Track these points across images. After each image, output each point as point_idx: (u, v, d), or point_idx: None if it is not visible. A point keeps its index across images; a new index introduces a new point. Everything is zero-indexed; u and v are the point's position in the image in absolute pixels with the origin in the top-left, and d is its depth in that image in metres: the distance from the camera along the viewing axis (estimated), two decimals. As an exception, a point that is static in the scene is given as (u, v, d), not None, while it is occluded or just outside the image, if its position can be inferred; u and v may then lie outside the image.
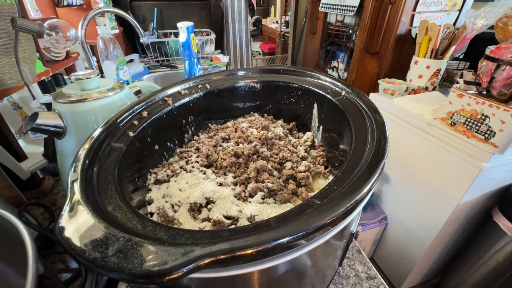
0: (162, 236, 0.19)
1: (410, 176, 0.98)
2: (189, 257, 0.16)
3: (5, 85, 0.53)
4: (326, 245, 0.26)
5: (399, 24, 1.12)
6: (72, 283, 0.42)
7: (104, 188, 0.25)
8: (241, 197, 0.35)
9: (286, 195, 0.34)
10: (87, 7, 1.18)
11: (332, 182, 0.24)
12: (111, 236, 0.18)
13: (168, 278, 0.16)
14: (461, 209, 0.85)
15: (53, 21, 0.76)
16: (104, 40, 0.78)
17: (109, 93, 0.44)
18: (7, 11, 0.49)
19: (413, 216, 0.99)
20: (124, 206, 0.23)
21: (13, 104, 0.77)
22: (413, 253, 1.01)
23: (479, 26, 0.84)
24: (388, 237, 1.14)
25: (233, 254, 0.17)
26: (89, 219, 0.19)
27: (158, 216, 0.33)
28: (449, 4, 1.15)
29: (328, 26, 1.70)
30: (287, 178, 0.38)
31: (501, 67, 0.69)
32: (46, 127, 0.40)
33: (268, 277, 0.24)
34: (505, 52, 0.69)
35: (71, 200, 0.22)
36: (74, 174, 0.25)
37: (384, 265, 1.19)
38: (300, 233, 0.18)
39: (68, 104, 0.41)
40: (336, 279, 0.42)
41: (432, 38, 0.94)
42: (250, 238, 0.18)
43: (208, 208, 0.34)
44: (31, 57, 0.59)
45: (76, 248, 0.17)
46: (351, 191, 0.22)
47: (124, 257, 0.16)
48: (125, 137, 0.34)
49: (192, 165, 0.41)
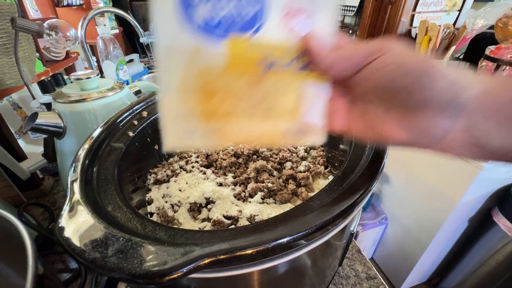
0: (162, 236, 0.19)
1: (410, 176, 0.98)
2: (189, 257, 0.16)
3: (5, 85, 0.53)
4: (326, 245, 0.26)
5: (399, 24, 1.12)
6: (72, 283, 0.42)
7: (104, 188, 0.25)
8: (241, 197, 0.35)
9: (286, 195, 0.34)
10: (87, 7, 1.18)
11: (332, 182, 0.24)
12: (111, 236, 0.18)
13: (168, 278, 0.16)
14: (461, 209, 0.85)
15: (53, 21, 0.76)
16: (104, 40, 0.78)
17: (109, 93, 0.44)
18: (7, 11, 0.49)
19: (413, 216, 0.99)
20: (124, 206, 0.23)
21: (13, 104, 0.77)
22: (413, 253, 1.01)
23: (479, 26, 0.84)
24: (388, 237, 1.14)
25: (233, 254, 0.17)
26: (89, 219, 0.19)
27: (158, 216, 0.33)
28: (449, 4, 1.15)
29: (328, 26, 1.70)
30: (287, 178, 0.38)
31: (501, 67, 0.69)
32: (46, 127, 0.40)
33: (268, 277, 0.24)
34: (505, 52, 0.69)
35: (71, 200, 0.22)
36: (73, 174, 0.25)
37: (384, 265, 1.19)
38: (300, 233, 0.18)
39: (68, 104, 0.41)
40: (336, 279, 0.42)
41: (432, 38, 0.94)
42: (250, 238, 0.18)
43: (208, 208, 0.34)
44: (30, 57, 0.59)
45: (76, 248, 0.17)
46: (351, 191, 0.22)
47: (124, 257, 0.16)
48: (125, 137, 0.34)
49: (192, 165, 0.41)
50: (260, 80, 0.20)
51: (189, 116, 0.20)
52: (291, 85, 0.21)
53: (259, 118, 0.21)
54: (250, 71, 0.20)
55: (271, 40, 0.20)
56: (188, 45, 0.18)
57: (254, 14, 0.18)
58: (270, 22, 0.19)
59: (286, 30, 0.20)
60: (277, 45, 0.20)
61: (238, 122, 0.21)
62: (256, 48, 0.19)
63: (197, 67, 0.19)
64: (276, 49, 0.20)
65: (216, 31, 0.18)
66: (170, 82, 0.19)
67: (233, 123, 0.21)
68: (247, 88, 0.20)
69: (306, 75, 0.21)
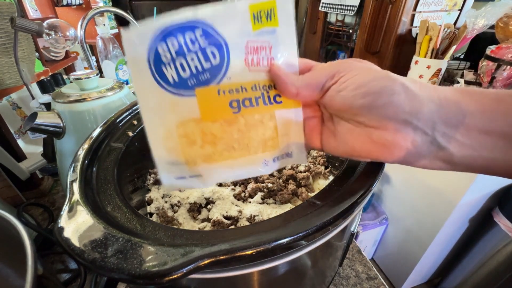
0: (161, 237, 0.19)
1: (411, 176, 0.98)
2: (188, 257, 0.16)
3: (4, 85, 0.53)
4: (327, 246, 0.25)
5: (400, 23, 1.12)
6: (71, 283, 0.42)
7: (104, 188, 0.25)
8: (241, 197, 0.35)
9: (286, 196, 0.34)
10: (86, 7, 1.18)
11: (332, 182, 0.24)
12: (111, 236, 0.18)
13: (168, 279, 0.16)
14: (461, 209, 0.85)
15: (53, 20, 0.76)
16: (104, 39, 0.78)
17: (109, 93, 0.43)
18: (6, 10, 0.49)
19: (413, 216, 0.99)
20: (123, 207, 0.23)
21: (12, 104, 0.77)
22: (413, 253, 1.01)
23: (479, 26, 0.84)
24: (388, 238, 1.14)
25: (233, 255, 0.17)
26: (88, 219, 0.19)
27: (158, 216, 0.32)
28: (449, 3, 1.15)
29: (328, 25, 1.70)
30: (287, 178, 0.38)
31: (502, 67, 0.69)
32: (45, 127, 0.40)
33: (268, 278, 0.24)
34: (506, 52, 0.69)
35: (70, 200, 0.22)
36: (73, 174, 0.25)
37: (385, 266, 1.19)
38: (300, 233, 0.18)
39: (68, 104, 0.41)
40: (336, 279, 0.42)
41: (433, 38, 0.94)
42: (250, 238, 0.18)
43: (208, 208, 0.34)
44: (30, 56, 0.59)
45: (75, 249, 0.17)
46: (351, 192, 0.22)
47: (123, 258, 0.16)
48: (124, 137, 0.34)
49: (192, 165, 0.41)
50: (235, 120, 0.22)
51: (176, 163, 0.22)
52: (265, 116, 0.22)
53: (240, 155, 0.23)
54: (223, 115, 0.21)
55: (239, 81, 0.21)
56: (165, 101, 0.20)
57: (216, 65, 0.20)
58: (234, 66, 0.21)
59: (251, 68, 0.21)
60: (245, 84, 0.21)
61: (220, 163, 0.23)
62: (226, 91, 0.21)
63: (176, 119, 0.21)
64: (245, 87, 0.21)
65: (186, 86, 0.20)
66: (156, 135, 0.22)
67: (215, 165, 0.23)
68: (223, 131, 0.22)
69: (278, 105, 0.22)
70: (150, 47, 0.19)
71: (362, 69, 0.19)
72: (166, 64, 0.20)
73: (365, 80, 0.19)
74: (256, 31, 0.20)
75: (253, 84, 0.21)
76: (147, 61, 0.19)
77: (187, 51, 0.19)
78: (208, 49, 0.20)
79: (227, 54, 0.20)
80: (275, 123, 0.23)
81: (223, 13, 0.19)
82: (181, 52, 0.19)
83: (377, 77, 0.19)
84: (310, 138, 0.24)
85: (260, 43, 0.21)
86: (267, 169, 0.24)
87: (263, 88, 0.22)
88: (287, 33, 0.21)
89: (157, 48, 0.19)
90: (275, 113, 0.22)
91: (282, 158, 0.25)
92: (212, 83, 0.21)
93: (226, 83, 0.21)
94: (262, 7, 0.20)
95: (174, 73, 0.20)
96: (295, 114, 0.23)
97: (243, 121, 0.22)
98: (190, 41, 0.19)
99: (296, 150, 0.24)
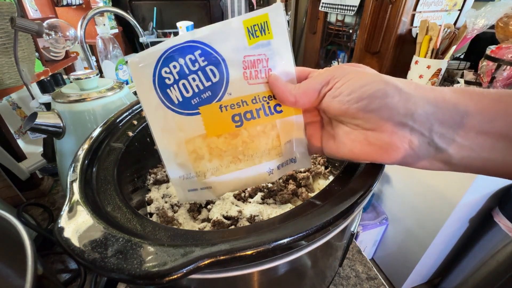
0: (161, 237, 0.19)
1: (411, 176, 0.98)
2: (188, 258, 0.16)
3: (4, 85, 0.53)
4: (327, 246, 0.25)
5: (400, 23, 1.12)
6: (71, 284, 0.42)
7: (104, 189, 0.25)
8: (241, 197, 0.35)
9: (286, 196, 0.34)
10: (86, 7, 1.18)
11: (332, 182, 0.24)
12: (111, 236, 0.18)
13: (168, 279, 0.16)
14: (461, 210, 0.85)
15: (53, 20, 0.76)
16: (104, 39, 0.78)
17: (109, 93, 0.43)
18: (6, 10, 0.49)
19: (413, 216, 0.99)
20: (123, 207, 0.23)
21: (12, 104, 0.77)
22: (413, 253, 1.01)
23: (479, 26, 0.84)
24: (388, 238, 1.14)
25: (233, 255, 0.17)
26: (88, 219, 0.19)
27: (158, 216, 0.32)
28: (449, 3, 1.15)
29: (328, 25, 1.70)
30: (287, 178, 0.38)
31: (502, 67, 0.69)
32: (45, 127, 0.40)
33: (268, 278, 0.24)
34: (506, 52, 0.69)
35: (70, 200, 0.22)
36: (73, 174, 0.25)
37: (385, 266, 1.19)
38: (300, 233, 0.18)
39: (67, 104, 0.41)
40: (336, 279, 0.42)
41: (433, 38, 0.94)
42: (250, 238, 0.18)
43: (208, 208, 0.34)
44: (30, 56, 0.59)
45: (75, 249, 0.17)
46: (351, 192, 0.22)
47: (123, 258, 0.16)
48: (124, 137, 0.34)
49: (192, 165, 0.41)
50: (238, 133, 0.23)
51: (187, 177, 0.24)
52: (267, 127, 0.23)
53: (246, 166, 0.24)
54: (226, 129, 0.23)
55: (239, 95, 0.22)
56: (172, 121, 0.22)
57: (216, 83, 0.21)
58: (233, 82, 0.22)
59: (250, 81, 0.22)
60: (245, 97, 0.22)
61: (227, 175, 0.24)
62: (228, 106, 0.22)
63: (184, 137, 0.22)
64: (245, 101, 0.22)
65: (190, 105, 0.22)
66: (168, 153, 0.23)
67: (223, 177, 0.24)
68: (227, 144, 0.23)
69: (278, 114, 0.23)
70: (154, 71, 0.20)
71: (356, 74, 0.20)
72: (170, 86, 0.21)
73: (359, 84, 0.19)
74: (252, 45, 0.21)
75: (253, 96, 0.22)
76: (153, 84, 0.21)
77: (188, 72, 0.21)
78: (208, 68, 0.21)
79: (226, 71, 0.21)
80: (277, 132, 0.24)
81: (219, 32, 0.20)
82: (182, 73, 0.21)
83: (370, 81, 0.19)
84: (311, 143, 0.24)
85: (256, 57, 0.22)
86: (273, 177, 0.25)
87: (263, 99, 0.23)
88: (282, 43, 0.22)
89: (161, 72, 0.20)
90: (276, 123, 0.23)
91: (287, 164, 0.25)
92: (214, 100, 0.22)
93: (227, 99, 0.22)
94: (256, 21, 0.21)
95: (178, 94, 0.21)
96: (296, 121, 0.24)
97: (246, 133, 0.23)
98: (190, 61, 0.20)
99: (299, 155, 0.25)
